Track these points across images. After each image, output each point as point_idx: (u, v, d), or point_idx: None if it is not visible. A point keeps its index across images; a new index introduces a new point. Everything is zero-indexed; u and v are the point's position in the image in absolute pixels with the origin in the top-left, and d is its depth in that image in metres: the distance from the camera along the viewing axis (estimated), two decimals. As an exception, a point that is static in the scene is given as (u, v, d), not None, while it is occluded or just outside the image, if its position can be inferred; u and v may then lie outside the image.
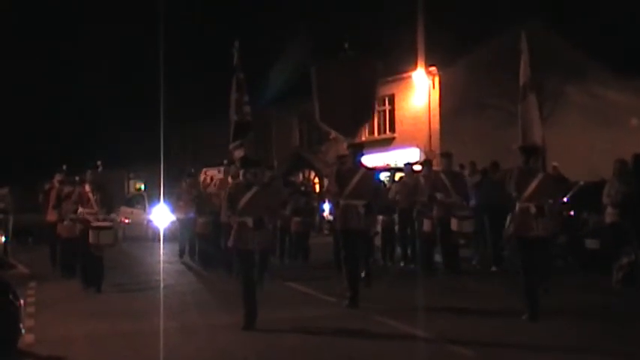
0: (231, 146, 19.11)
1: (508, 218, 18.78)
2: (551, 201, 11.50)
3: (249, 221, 11.05)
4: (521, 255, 11.55)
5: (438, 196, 16.34)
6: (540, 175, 11.56)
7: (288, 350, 9.86)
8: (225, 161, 21.03)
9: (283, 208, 18.28)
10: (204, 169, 24.01)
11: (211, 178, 22.18)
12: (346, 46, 16.89)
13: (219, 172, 22.31)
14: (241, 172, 11.74)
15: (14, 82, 50.67)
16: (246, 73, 19.47)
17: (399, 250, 18.57)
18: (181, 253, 20.47)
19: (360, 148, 13.32)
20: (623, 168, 14.89)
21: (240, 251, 11.22)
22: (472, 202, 17.28)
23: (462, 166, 19.95)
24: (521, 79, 16.30)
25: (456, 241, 16.81)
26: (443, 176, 16.70)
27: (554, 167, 21.27)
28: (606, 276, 14.27)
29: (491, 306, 12.43)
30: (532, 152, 11.91)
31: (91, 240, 14.89)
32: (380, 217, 18.01)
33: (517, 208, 11.56)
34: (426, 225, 16.63)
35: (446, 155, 17.41)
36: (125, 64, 49.14)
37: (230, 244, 11.38)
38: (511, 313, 11.40)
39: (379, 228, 18.24)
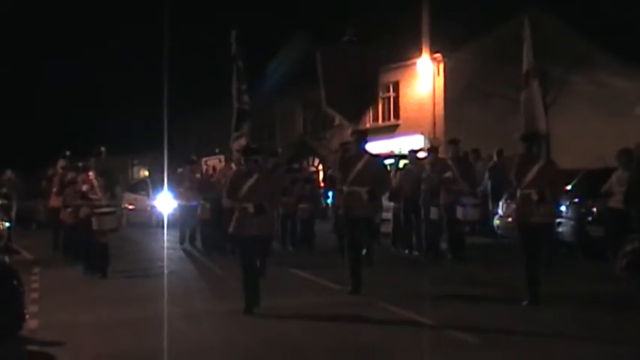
0: (231, 137, 19.15)
1: (500, 204, 19.07)
2: (552, 187, 11.52)
3: (250, 207, 11.08)
4: (522, 241, 11.62)
5: (446, 175, 16.35)
6: (541, 162, 11.61)
7: (292, 337, 9.86)
8: (216, 150, 21.05)
9: (284, 194, 18.26)
10: (204, 159, 23.99)
11: (213, 168, 22.13)
12: (349, 30, 16.83)
13: (220, 161, 22.24)
14: (242, 160, 11.81)
15: (18, 68, 50.72)
16: (249, 61, 19.45)
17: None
18: (182, 240, 20.48)
19: (364, 135, 13.28)
20: (628, 157, 14.90)
21: (241, 237, 11.27)
22: (480, 188, 17.32)
23: (466, 154, 19.94)
24: (524, 66, 16.23)
25: (461, 228, 16.86)
26: (450, 163, 16.76)
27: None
28: (610, 263, 14.25)
29: (495, 293, 12.44)
30: (533, 140, 11.94)
31: (94, 226, 14.92)
32: (391, 204, 18.05)
33: (518, 195, 11.60)
34: (433, 213, 16.65)
35: (453, 142, 17.47)
36: (129, 51, 49.10)
37: (231, 230, 11.43)
38: (516, 300, 11.40)
39: (390, 215, 18.26)
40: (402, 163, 20.35)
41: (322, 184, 25.27)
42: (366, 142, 13.12)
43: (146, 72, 40.95)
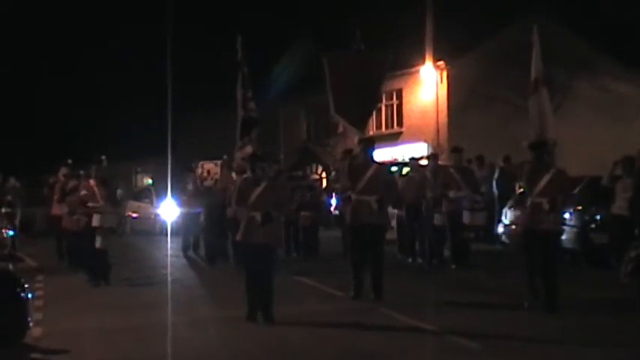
0: (236, 146, 19.15)
1: (504, 211, 19.06)
2: (563, 196, 11.56)
3: (258, 216, 11.09)
4: (527, 247, 11.66)
5: (451, 194, 16.34)
6: (552, 171, 11.60)
7: (295, 343, 9.86)
8: (224, 156, 21.00)
9: (290, 202, 18.28)
10: (200, 163, 24.04)
11: (208, 172, 22.10)
12: (357, 39, 16.87)
13: (216, 165, 22.20)
14: (249, 168, 11.84)
15: (20, 74, 50.77)
16: (253, 68, 19.46)
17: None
18: (185, 248, 20.45)
19: (371, 143, 13.31)
20: (631, 164, 14.93)
21: (248, 245, 11.28)
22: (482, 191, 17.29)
23: (469, 161, 19.95)
24: (533, 73, 16.19)
25: (466, 235, 16.82)
26: (453, 170, 16.75)
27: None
28: (614, 270, 14.24)
29: (499, 300, 12.43)
30: (541, 148, 11.93)
31: (94, 223, 14.90)
32: (395, 212, 18.04)
33: (528, 203, 11.61)
34: (437, 219, 16.66)
35: (456, 150, 17.45)
36: (132, 58, 49.12)
37: (238, 237, 11.46)
38: (519, 306, 11.40)
39: (394, 222, 18.24)
40: (405, 170, 20.33)
41: (326, 191, 25.24)
42: (374, 149, 13.15)
43: (147, 73, 41.03)
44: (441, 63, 35.08)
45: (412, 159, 19.51)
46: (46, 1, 53.62)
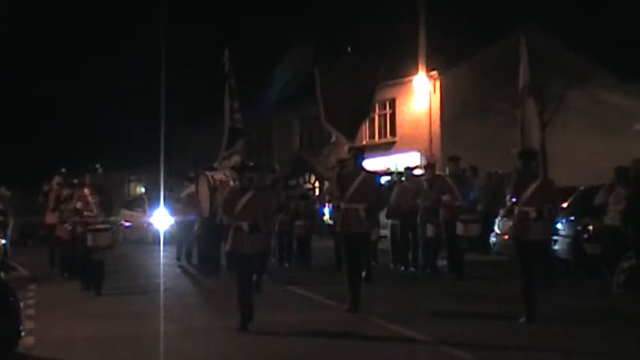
0: (220, 156, 19.15)
1: (497, 221, 19.07)
2: (550, 205, 11.55)
3: (245, 225, 11.09)
4: (519, 258, 11.66)
5: (444, 197, 16.36)
6: (539, 180, 11.63)
7: (288, 353, 9.84)
8: (214, 164, 20.95)
9: (280, 211, 18.28)
10: (209, 173, 24.08)
11: (220, 182, 22.06)
12: (349, 49, 16.93)
13: (226, 175, 22.15)
14: (237, 177, 11.86)
15: (15, 83, 50.73)
16: (248, 78, 19.49)
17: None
18: (178, 257, 20.40)
19: (361, 152, 13.31)
20: (623, 174, 14.98)
21: (237, 255, 11.30)
22: (479, 207, 17.31)
23: (463, 171, 19.94)
24: (520, 84, 16.34)
25: (461, 245, 16.83)
26: (449, 180, 16.78)
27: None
28: (607, 281, 14.28)
29: (492, 309, 12.40)
30: (530, 157, 11.98)
31: (88, 243, 14.87)
32: (389, 222, 18.06)
33: (515, 212, 11.62)
34: (430, 230, 16.70)
35: (453, 159, 17.49)
36: (126, 66, 49.11)
37: (227, 248, 11.48)
38: (514, 317, 11.38)
39: (388, 232, 18.26)
40: (387, 178, 20.40)
41: (319, 200, 25.24)
42: (363, 158, 13.15)
43: (144, 87, 40.96)
44: (434, 73, 35.16)
45: (407, 168, 19.54)
46: (44, 9, 53.68)
